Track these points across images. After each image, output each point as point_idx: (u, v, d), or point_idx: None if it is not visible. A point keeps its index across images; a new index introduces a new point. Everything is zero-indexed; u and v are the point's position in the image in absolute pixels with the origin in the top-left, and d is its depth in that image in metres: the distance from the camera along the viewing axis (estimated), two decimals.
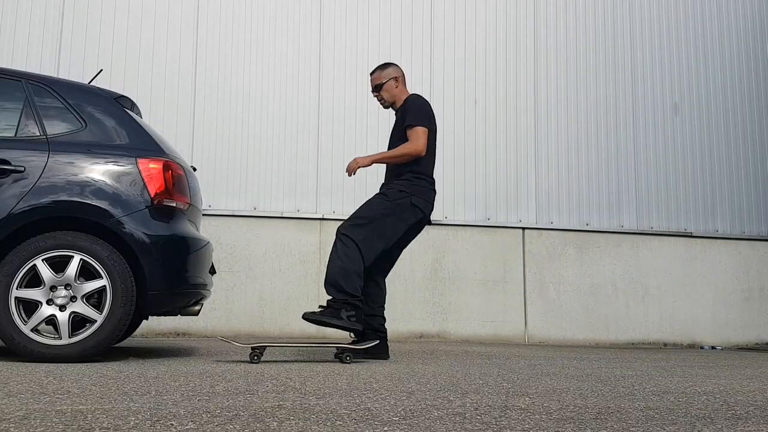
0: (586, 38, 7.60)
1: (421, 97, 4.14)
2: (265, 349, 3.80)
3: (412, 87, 7.06)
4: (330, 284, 3.81)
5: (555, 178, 7.29)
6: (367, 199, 4.13)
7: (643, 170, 7.54)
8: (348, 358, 3.77)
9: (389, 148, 4.18)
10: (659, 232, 7.46)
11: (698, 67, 7.86)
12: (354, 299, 3.79)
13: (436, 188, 4.17)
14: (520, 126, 7.26)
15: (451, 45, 7.24)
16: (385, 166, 4.26)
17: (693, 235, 7.54)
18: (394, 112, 4.41)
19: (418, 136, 3.94)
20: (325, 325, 3.77)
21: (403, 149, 3.95)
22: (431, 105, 4.17)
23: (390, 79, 4.15)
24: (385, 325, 4.14)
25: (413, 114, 4.00)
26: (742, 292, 7.59)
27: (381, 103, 4.24)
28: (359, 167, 3.97)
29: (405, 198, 3.98)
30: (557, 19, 7.55)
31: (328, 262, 3.89)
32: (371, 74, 4.26)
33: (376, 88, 4.18)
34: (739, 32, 8.05)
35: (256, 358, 3.61)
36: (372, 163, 3.97)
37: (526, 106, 7.32)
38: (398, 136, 4.08)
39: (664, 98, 7.72)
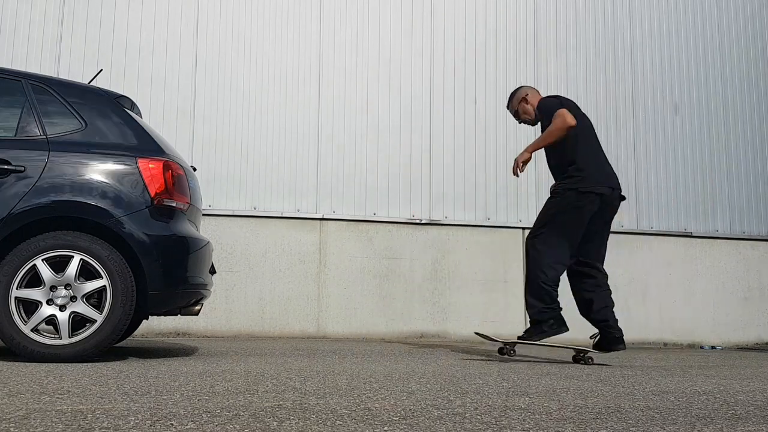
0: (586, 38, 7.60)
1: (548, 97, 4.28)
2: (515, 345, 4.14)
3: (412, 86, 7.07)
4: (526, 300, 4.16)
5: None
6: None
7: (643, 170, 7.54)
8: (590, 360, 4.07)
9: (546, 155, 4.31)
10: (659, 232, 7.45)
11: (698, 67, 7.86)
12: (544, 311, 4.05)
13: (607, 168, 4.23)
14: (519, 125, 7.26)
15: (451, 44, 7.23)
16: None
17: (693, 235, 7.54)
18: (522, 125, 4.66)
19: (560, 114, 4.01)
20: (537, 340, 4.07)
21: (551, 127, 4.02)
22: (563, 97, 4.27)
23: (519, 103, 4.35)
24: (606, 313, 4.19)
25: (545, 112, 4.16)
26: (742, 292, 7.58)
27: (530, 125, 4.44)
28: (524, 163, 4.08)
29: (571, 191, 4.06)
30: (557, 18, 7.55)
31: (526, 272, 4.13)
32: (507, 107, 4.49)
33: (516, 117, 4.41)
34: (739, 32, 8.05)
35: (513, 352, 4.01)
36: (531, 154, 4.08)
37: None
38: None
39: (664, 98, 7.72)
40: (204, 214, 6.17)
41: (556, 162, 4.24)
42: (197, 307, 3.83)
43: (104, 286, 3.37)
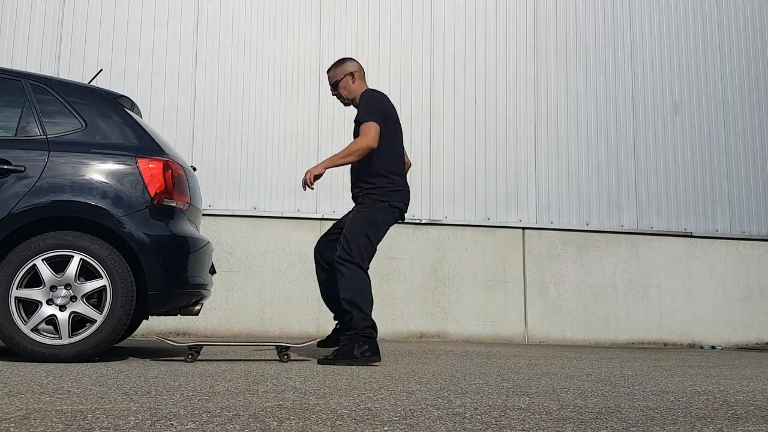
0: (586, 38, 7.60)
1: (376, 91, 3.97)
2: (201, 348, 3.75)
3: (412, 85, 7.07)
4: (347, 315, 3.67)
5: (555, 178, 7.29)
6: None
7: (643, 170, 7.54)
8: (286, 357, 3.76)
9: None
10: (659, 232, 7.45)
11: (698, 67, 7.86)
12: (363, 331, 3.60)
13: (407, 185, 3.98)
14: (519, 126, 7.26)
15: (451, 44, 7.23)
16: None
17: (693, 235, 7.54)
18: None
19: (368, 131, 3.75)
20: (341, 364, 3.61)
21: (352, 146, 3.77)
22: (387, 98, 3.98)
23: (346, 75, 3.98)
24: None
25: (363, 109, 3.85)
26: (742, 292, 7.58)
27: (341, 101, 4.07)
28: (314, 177, 3.73)
29: (383, 204, 3.83)
30: (557, 18, 7.55)
31: (339, 291, 3.71)
32: (327, 72, 4.07)
33: (333, 87, 4.02)
34: (739, 32, 8.05)
35: (190, 357, 3.61)
36: (325, 170, 3.75)
37: (526, 106, 7.32)
38: (355, 128, 3.93)
39: (664, 98, 7.72)
40: (204, 214, 6.17)
41: (357, 168, 3.97)
42: (197, 307, 3.83)
43: (104, 286, 3.37)
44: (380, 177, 3.87)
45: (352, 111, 6.93)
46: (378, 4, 7.12)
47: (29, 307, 3.35)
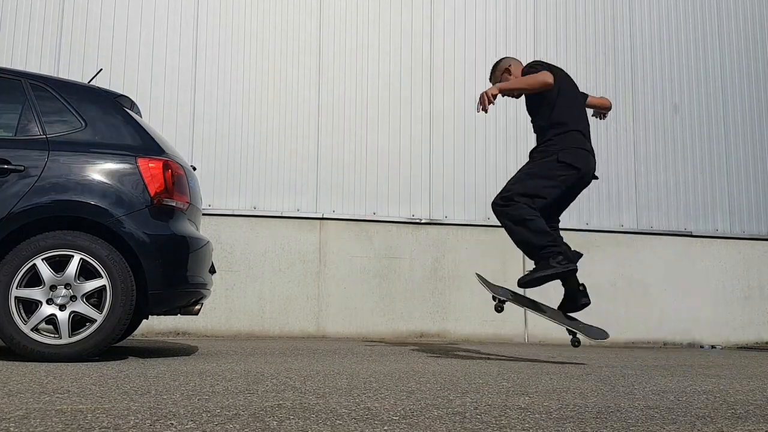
0: (586, 38, 7.60)
1: (532, 62, 4.13)
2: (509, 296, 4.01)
3: (413, 85, 7.06)
4: (526, 252, 3.91)
5: None
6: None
7: (643, 170, 7.54)
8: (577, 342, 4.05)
9: (533, 123, 4.15)
10: (659, 232, 7.45)
11: (698, 67, 7.86)
12: (550, 247, 3.80)
13: (588, 141, 4.04)
14: (519, 125, 7.25)
15: (451, 44, 7.23)
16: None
17: (693, 234, 7.54)
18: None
19: (541, 72, 3.88)
20: (545, 280, 3.86)
21: (529, 78, 3.86)
22: (545, 63, 4.11)
23: (503, 74, 4.17)
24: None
25: (528, 75, 3.98)
26: (742, 292, 7.58)
27: (513, 97, 4.20)
28: (489, 100, 3.78)
29: (551, 157, 3.91)
30: (557, 18, 7.55)
31: (511, 237, 3.92)
32: (489, 80, 4.29)
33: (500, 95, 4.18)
34: (739, 32, 8.05)
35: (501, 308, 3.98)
36: (499, 91, 3.82)
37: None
38: (530, 103, 4.09)
39: (664, 98, 7.72)
40: (204, 214, 6.17)
41: (540, 123, 4.11)
42: (197, 307, 3.83)
43: (104, 285, 3.37)
44: (561, 134, 3.99)
45: (351, 108, 6.93)
46: (378, 3, 7.12)
47: (29, 306, 3.35)
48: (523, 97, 4.25)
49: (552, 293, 7.12)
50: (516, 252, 7.11)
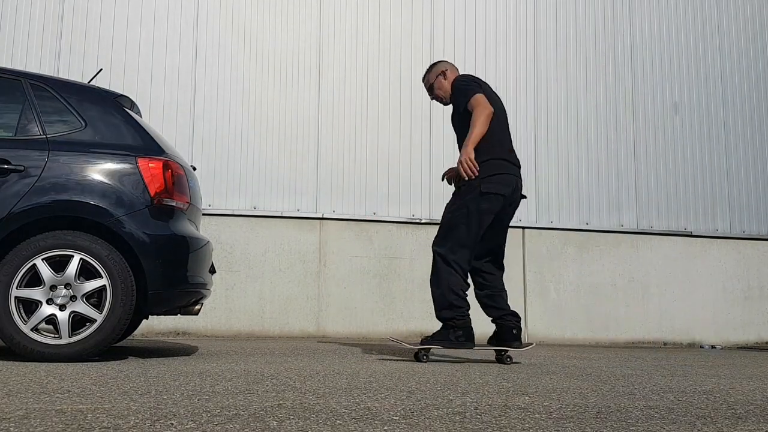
0: (585, 38, 7.60)
1: (464, 75, 4.10)
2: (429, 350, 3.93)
3: (413, 85, 7.06)
4: (437, 312, 3.84)
5: (555, 178, 7.29)
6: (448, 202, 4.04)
7: (643, 170, 7.54)
8: (425, 357, 3.87)
9: (457, 137, 4.13)
10: (659, 232, 7.45)
11: (698, 67, 7.86)
12: (455, 320, 3.79)
13: (514, 161, 3.98)
14: (519, 125, 7.25)
15: (451, 44, 7.23)
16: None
17: (693, 234, 7.54)
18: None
19: (478, 102, 3.84)
20: (440, 347, 3.83)
21: (477, 120, 3.79)
22: (478, 78, 4.09)
23: (437, 77, 4.13)
24: (504, 309, 4.00)
25: (460, 93, 3.95)
26: (742, 291, 7.58)
27: (441, 103, 4.20)
28: (473, 164, 3.77)
29: (473, 191, 3.84)
30: (557, 18, 7.55)
31: (430, 284, 3.88)
32: (422, 81, 4.26)
33: (430, 92, 4.19)
34: (739, 32, 8.05)
35: (424, 357, 3.83)
36: (473, 150, 3.79)
37: (526, 106, 7.32)
38: (458, 120, 4.03)
39: (664, 98, 7.72)
40: (204, 214, 6.17)
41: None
42: (197, 307, 3.83)
43: (104, 285, 3.37)
44: (482, 161, 3.91)
45: (351, 108, 6.93)
46: (378, 4, 7.12)
47: (29, 306, 3.35)
48: (449, 109, 4.28)
49: (552, 293, 7.13)
50: (516, 252, 7.13)
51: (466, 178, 3.83)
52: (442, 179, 4.28)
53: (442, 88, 4.12)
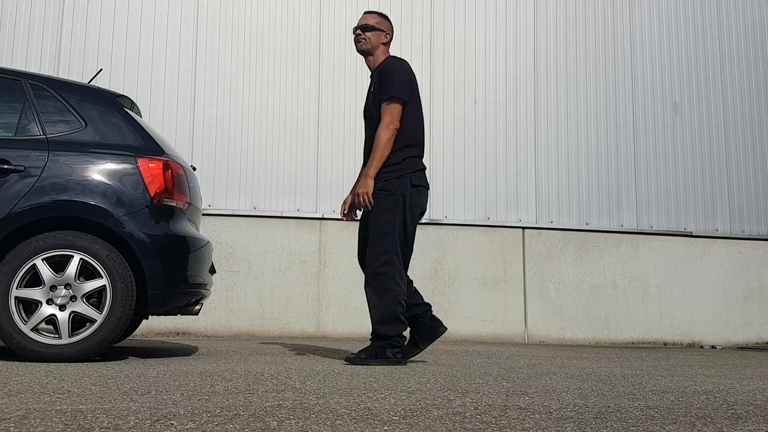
0: (586, 38, 7.60)
1: (401, 60, 3.81)
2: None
3: None
4: (372, 319, 3.56)
5: (555, 178, 7.29)
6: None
7: (643, 170, 7.54)
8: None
9: (365, 116, 3.88)
10: (659, 232, 7.46)
11: (698, 67, 7.86)
12: (396, 338, 3.53)
13: (423, 168, 3.76)
14: (520, 125, 7.26)
15: (451, 44, 7.23)
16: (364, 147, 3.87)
17: (693, 234, 7.54)
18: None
19: (392, 117, 3.64)
20: (372, 364, 3.49)
21: (380, 143, 3.58)
22: (411, 68, 3.84)
23: (381, 30, 3.83)
24: (426, 303, 3.78)
25: (390, 85, 3.69)
26: (742, 292, 7.58)
27: (357, 45, 3.82)
28: (368, 195, 3.55)
29: (397, 205, 3.60)
30: (557, 19, 7.55)
31: (368, 303, 3.59)
32: (366, 12, 3.91)
33: (364, 28, 3.80)
34: (739, 33, 8.05)
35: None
36: (373, 182, 3.57)
37: (526, 106, 7.32)
38: (373, 102, 3.78)
39: (664, 98, 7.72)
40: (204, 214, 6.17)
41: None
42: (197, 307, 3.83)
43: (104, 285, 3.37)
44: (395, 163, 3.69)
45: (351, 108, 6.93)
46: (378, 4, 7.12)
47: (29, 306, 3.35)
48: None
49: (552, 293, 7.13)
50: (516, 252, 7.14)
51: (361, 213, 3.63)
52: (342, 216, 3.90)
53: (374, 40, 3.81)
